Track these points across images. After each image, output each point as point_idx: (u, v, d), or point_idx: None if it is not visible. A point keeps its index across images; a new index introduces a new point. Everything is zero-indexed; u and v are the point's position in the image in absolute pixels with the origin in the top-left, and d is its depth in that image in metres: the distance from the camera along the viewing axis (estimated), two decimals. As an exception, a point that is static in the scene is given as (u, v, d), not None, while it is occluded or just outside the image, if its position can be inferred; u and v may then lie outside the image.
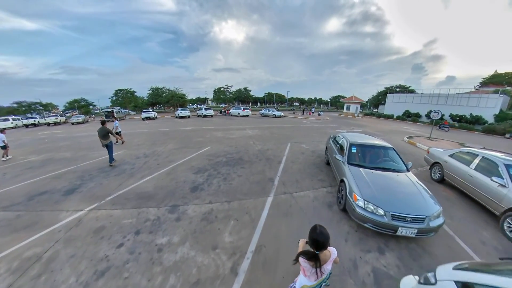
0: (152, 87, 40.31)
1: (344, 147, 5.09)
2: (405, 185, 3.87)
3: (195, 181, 5.65)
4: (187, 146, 9.62)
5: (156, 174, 6.22)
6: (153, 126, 17.68)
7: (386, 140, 11.61)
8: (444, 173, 5.85)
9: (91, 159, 7.97)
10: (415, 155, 9.17)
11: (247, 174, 6.14)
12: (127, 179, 5.91)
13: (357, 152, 4.79)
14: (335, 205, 4.57)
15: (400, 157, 4.77)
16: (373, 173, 4.15)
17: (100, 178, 6.07)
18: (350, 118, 30.11)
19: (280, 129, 15.12)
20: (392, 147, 4.93)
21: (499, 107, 22.81)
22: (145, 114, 24.86)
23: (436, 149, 6.81)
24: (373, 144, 5.04)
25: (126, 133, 13.74)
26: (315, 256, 1.59)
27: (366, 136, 6.10)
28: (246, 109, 28.41)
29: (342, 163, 4.71)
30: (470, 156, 5.22)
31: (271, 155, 8.10)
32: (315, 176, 6.06)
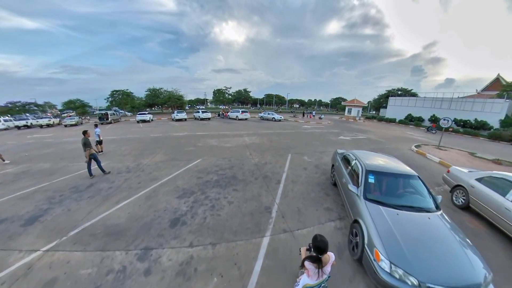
0: (150, 88, 39.40)
1: (359, 173, 4.14)
2: (442, 236, 2.94)
3: (177, 210, 4.74)
4: (176, 157, 8.70)
5: (135, 197, 5.32)
6: (146, 131, 16.75)
7: (393, 150, 11.25)
8: (469, 199, 4.94)
9: (69, 173, 7.14)
10: (427, 169, 8.28)
11: (239, 199, 5.22)
12: (99, 204, 5.02)
13: (375, 182, 3.84)
14: (346, 251, 3.66)
15: (427, 187, 3.86)
16: (398, 215, 3.22)
17: (70, 201, 5.21)
18: (351, 122, 29.25)
19: (280, 136, 14.21)
20: (417, 175, 4.01)
21: (504, 113, 22.04)
22: (140, 116, 23.91)
23: (458, 168, 5.86)
24: (394, 171, 4.08)
25: (116, 139, 12.85)
26: (318, 259, 2.10)
27: (382, 156, 5.15)
28: (244, 112, 27.52)
29: (356, 196, 3.76)
30: (505, 183, 4.28)
31: (269, 171, 7.19)
32: (321, 203, 5.15)
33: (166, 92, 37.99)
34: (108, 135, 15.05)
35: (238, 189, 5.75)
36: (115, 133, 16.16)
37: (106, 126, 21.33)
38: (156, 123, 23.80)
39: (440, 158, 9.70)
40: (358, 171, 4.26)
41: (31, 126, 23.47)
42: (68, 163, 8.32)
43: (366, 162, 4.29)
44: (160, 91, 38.51)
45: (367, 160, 4.46)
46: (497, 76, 31.44)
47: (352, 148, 11.20)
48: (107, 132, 16.54)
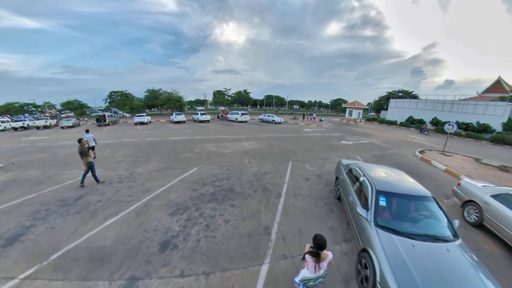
0: (149, 89, 38.96)
1: (368, 193, 3.74)
2: (464, 276, 2.55)
3: (168, 230, 4.37)
4: (172, 165, 8.32)
5: (124, 213, 4.95)
6: (143, 134, 16.36)
7: (397, 156, 10.91)
8: (483, 217, 4.58)
9: (58, 183, 6.77)
10: (433, 178, 7.93)
11: (237, 217, 4.85)
12: (86, 221, 4.66)
13: (387, 204, 3.46)
14: (353, 280, 3.31)
15: (443, 210, 3.47)
16: (414, 247, 2.84)
17: (56, 217, 4.84)
18: (352, 124, 28.89)
19: (280, 141, 13.84)
20: (432, 196, 3.62)
21: (507, 115, 21.67)
22: (138, 118, 23.48)
23: (470, 181, 5.46)
24: (408, 192, 3.68)
25: (112, 144, 12.47)
26: (318, 254, 2.43)
27: (391, 170, 4.75)
28: (244, 115, 27.13)
29: (366, 221, 3.37)
30: None
31: (268, 182, 6.81)
32: (324, 222, 4.78)
33: (165, 93, 37.58)
34: (104, 138, 14.72)
35: (235, 204, 5.38)
36: (111, 136, 15.77)
37: (104, 129, 20.91)
38: (154, 125, 23.43)
39: (446, 165, 9.34)
40: (367, 190, 3.86)
41: (27, 128, 23.11)
42: (59, 171, 7.95)
43: (376, 180, 3.89)
44: (159, 92, 38.11)
45: (377, 177, 4.06)
46: (498, 79, 31.11)
47: (355, 154, 10.86)
48: (104, 135, 16.19)
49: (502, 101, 22.64)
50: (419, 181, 7.28)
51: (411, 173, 8.21)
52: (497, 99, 24.13)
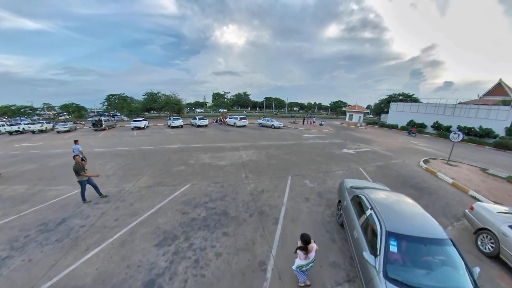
0: (147, 91, 38.54)
1: (377, 234, 3.27)
2: None
3: (153, 266, 3.92)
4: (163, 181, 7.84)
5: (108, 243, 4.52)
6: (138, 141, 15.89)
7: (401, 166, 10.52)
8: (500, 249, 4.13)
9: (42, 201, 6.33)
10: (441, 194, 7.52)
11: (229, 249, 4.40)
12: (66, 252, 4.25)
13: (399, 252, 3.00)
14: None
15: (462, 256, 2.98)
16: None
17: (35, 246, 4.42)
18: (353, 129, 28.48)
19: (279, 150, 13.38)
20: (450, 239, 3.16)
21: (510, 120, 21.25)
22: (135, 123, 22.98)
23: (485, 206, 4.99)
24: (423, 234, 3.17)
25: (105, 153, 11.99)
26: (306, 248, 3.28)
27: (403, 201, 4.21)
28: (243, 119, 26.68)
29: (374, 270, 2.92)
30: None
31: (266, 203, 6.35)
32: (325, 255, 4.32)
33: (164, 96, 37.14)
34: (98, 145, 14.29)
35: (228, 233, 4.92)
36: (106, 143, 15.29)
37: (99, 134, 20.46)
38: (151, 130, 22.96)
39: (453, 178, 8.92)
40: (375, 229, 3.41)
41: (23, 132, 22.70)
42: (45, 185, 7.51)
43: (386, 218, 3.42)
44: (157, 95, 37.70)
45: (387, 212, 3.59)
46: (499, 81, 30.68)
47: (358, 165, 10.41)
48: (98, 142, 15.75)
49: (505, 105, 22.18)
50: (427, 198, 7.07)
51: (418, 189, 7.88)
52: (499, 103, 23.68)
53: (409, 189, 7.83)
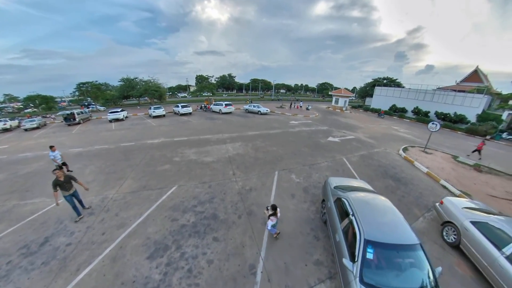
0: (124, 77, 34.97)
1: (356, 241, 3.59)
2: None
3: (148, 280, 3.99)
4: (148, 184, 7.57)
5: (98, 260, 4.43)
6: (117, 136, 14.81)
7: (382, 156, 11.21)
8: (460, 241, 4.78)
9: (19, 219, 5.78)
10: (416, 184, 8.26)
11: (220, 255, 4.57)
12: (56, 276, 4.09)
13: (374, 257, 3.34)
14: None
15: (428, 259, 3.40)
16: None
17: (19, 273, 4.15)
18: (338, 113, 29.13)
19: (266, 141, 13.39)
20: (420, 244, 3.55)
21: (482, 107, 23.05)
22: (112, 115, 21.06)
23: (453, 201, 5.56)
24: (397, 241, 3.54)
25: (82, 154, 11.05)
26: (275, 213, 4.78)
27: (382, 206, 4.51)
28: (228, 106, 25.80)
29: (352, 274, 3.28)
30: (502, 235, 4.06)
31: (254, 203, 6.52)
32: (310, 254, 4.70)
33: (142, 82, 34.03)
34: (73, 145, 12.98)
35: (219, 238, 5.08)
36: (81, 141, 13.98)
37: (74, 129, 18.55)
38: (131, 121, 21.38)
39: (427, 167, 9.78)
40: (355, 235, 3.72)
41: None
42: (19, 199, 6.80)
43: (365, 225, 3.72)
44: (135, 81, 34.45)
45: (366, 219, 3.88)
46: (475, 69, 32.42)
47: (342, 156, 10.88)
48: (72, 141, 14.24)
49: (479, 93, 23.75)
50: (403, 189, 7.72)
51: (396, 179, 8.52)
52: (474, 90, 25.27)
53: (389, 179, 8.49)
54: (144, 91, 30.09)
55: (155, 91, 30.67)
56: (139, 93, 30.83)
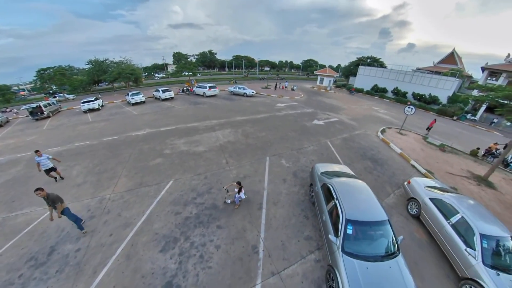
0: (91, 59, 30.48)
1: (339, 219, 4.43)
2: (396, 284, 3.68)
3: (166, 270, 4.50)
4: (144, 181, 7.64)
5: (113, 260, 4.72)
6: (97, 130, 13.84)
7: (363, 137, 12.35)
8: (420, 213, 5.96)
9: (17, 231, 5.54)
10: (390, 165, 9.45)
11: (226, 240, 5.22)
12: (75, 281, 4.28)
13: (353, 233, 4.22)
14: (324, 286, 4.31)
15: (393, 231, 4.40)
16: (368, 269, 3.80)
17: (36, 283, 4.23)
18: (323, 93, 29.71)
19: (255, 126, 13.65)
20: (388, 220, 4.49)
21: (453, 90, 24.98)
22: (86, 105, 18.94)
23: (418, 181, 6.69)
24: (371, 219, 4.46)
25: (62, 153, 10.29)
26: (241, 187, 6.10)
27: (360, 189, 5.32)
28: (212, 88, 24.71)
29: (335, 246, 4.18)
30: (451, 208, 5.18)
31: (249, 189, 7.09)
32: (301, 231, 5.56)
33: (113, 64, 30.25)
34: (49, 143, 11.70)
35: (221, 225, 5.68)
36: (57, 138, 12.60)
37: (44, 124, 16.31)
38: (108, 110, 19.66)
39: (401, 148, 11.07)
40: (338, 215, 4.54)
41: None
42: (8, 212, 6.27)
43: (346, 208, 4.53)
44: (105, 64, 30.49)
45: (347, 202, 4.68)
46: (452, 51, 34.04)
47: (326, 139, 11.69)
48: (46, 138, 12.76)
49: (452, 76, 25.33)
50: (379, 170, 8.90)
51: (373, 160, 9.60)
52: (448, 73, 26.86)
53: (367, 161, 9.57)
54: (118, 74, 27.00)
55: (130, 74, 27.76)
56: (112, 78, 27.64)
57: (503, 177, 9.25)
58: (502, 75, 21.70)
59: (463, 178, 8.64)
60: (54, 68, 28.90)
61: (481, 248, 4.17)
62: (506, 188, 8.32)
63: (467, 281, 4.15)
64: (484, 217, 4.73)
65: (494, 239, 4.27)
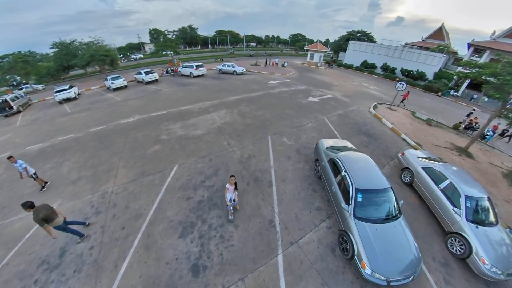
0: (56, 42, 26.32)
1: (349, 190, 4.77)
2: (402, 244, 4.18)
3: (189, 254, 4.58)
4: (145, 169, 7.31)
5: (132, 252, 4.62)
6: (79, 120, 12.60)
7: (356, 114, 12.72)
8: (414, 181, 6.51)
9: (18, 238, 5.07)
10: (383, 139, 9.88)
11: (243, 219, 5.39)
12: (97, 278, 4.16)
13: (362, 200, 4.58)
14: (337, 248, 4.75)
15: (395, 196, 4.85)
16: (377, 229, 4.23)
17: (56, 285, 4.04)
18: (314, 70, 29.01)
19: (251, 105, 13.27)
20: (390, 187, 4.91)
21: (440, 66, 25.28)
22: (60, 95, 16.81)
23: (412, 153, 7.16)
24: (377, 187, 4.85)
25: (45, 150, 9.47)
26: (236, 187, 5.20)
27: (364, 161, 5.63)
28: (200, 67, 23.02)
29: (347, 213, 4.55)
30: (441, 175, 5.72)
31: (257, 169, 7.19)
32: (311, 203, 5.86)
33: (82, 45, 26.49)
34: (27, 141, 10.36)
35: (236, 205, 5.78)
36: (35, 135, 11.14)
37: (16, 121, 14.11)
38: (87, 99, 17.67)
39: (392, 123, 11.54)
40: (348, 186, 4.86)
41: None
42: (2, 219, 5.73)
43: (355, 178, 4.85)
44: (74, 46, 26.56)
45: (355, 173, 4.99)
46: (441, 26, 33.46)
47: (323, 116, 11.79)
48: (23, 135, 11.24)
49: (440, 52, 25.29)
50: (374, 144, 9.34)
51: (368, 135, 9.96)
52: (436, 49, 26.76)
53: (362, 136, 9.91)
54: (91, 57, 23.85)
55: (104, 56, 24.74)
56: (84, 62, 24.39)
57: (479, 147, 10.30)
58: (486, 52, 22.25)
59: (447, 149, 9.46)
60: (14, 54, 24.91)
61: (465, 207, 4.83)
62: (482, 157, 9.34)
63: (453, 235, 4.86)
64: (467, 181, 5.35)
65: (475, 199, 4.92)
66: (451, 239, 4.86)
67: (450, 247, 4.86)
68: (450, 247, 4.85)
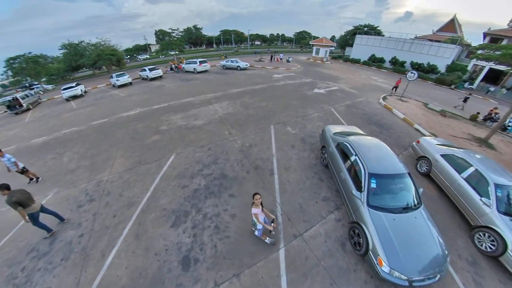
0: (65, 43, 27.10)
1: (361, 175, 4.16)
2: (425, 237, 3.54)
3: (180, 245, 4.18)
4: (142, 158, 7.08)
5: (121, 241, 4.32)
6: (84, 115, 12.66)
7: (365, 104, 11.93)
8: (431, 170, 5.81)
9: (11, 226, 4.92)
10: (395, 129, 9.20)
11: (241, 208, 4.92)
12: (82, 267, 3.90)
13: (377, 187, 3.96)
14: (347, 242, 4.16)
15: (414, 182, 4.21)
16: (395, 220, 3.62)
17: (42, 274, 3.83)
18: (319, 64, 28.18)
19: (254, 97, 12.83)
20: (408, 172, 4.28)
21: (452, 58, 23.80)
22: (68, 92, 17.17)
23: (428, 140, 6.45)
24: (392, 171, 4.22)
25: (49, 142, 9.47)
26: None
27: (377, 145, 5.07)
28: (203, 63, 22.90)
29: (360, 201, 3.92)
30: (463, 163, 5.02)
31: (258, 158, 6.72)
32: (318, 193, 5.31)
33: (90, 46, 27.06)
34: (34, 134, 10.51)
35: (234, 193, 5.35)
36: (42, 129, 11.36)
37: (25, 117, 14.55)
38: (93, 96, 17.96)
39: (404, 114, 10.73)
40: (359, 171, 4.25)
41: None
42: None
43: (368, 162, 4.24)
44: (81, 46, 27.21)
45: (367, 156, 4.39)
46: (453, 18, 31.64)
47: (330, 106, 11.17)
48: (31, 130, 11.43)
49: (452, 43, 23.83)
50: (386, 133, 8.54)
51: (379, 125, 9.25)
52: (448, 40, 25.26)
53: (373, 126, 9.21)
54: (97, 57, 24.24)
55: (111, 56, 25.09)
56: (91, 61, 24.83)
57: (501, 139, 9.43)
58: (503, 41, 20.64)
59: (465, 140, 8.64)
60: (24, 55, 25.74)
61: (495, 197, 4.13)
62: (504, 149, 8.53)
63: (481, 229, 4.17)
64: (494, 168, 4.66)
65: (507, 188, 4.23)
66: (479, 234, 4.18)
67: (478, 243, 4.20)
68: (478, 243, 4.19)
